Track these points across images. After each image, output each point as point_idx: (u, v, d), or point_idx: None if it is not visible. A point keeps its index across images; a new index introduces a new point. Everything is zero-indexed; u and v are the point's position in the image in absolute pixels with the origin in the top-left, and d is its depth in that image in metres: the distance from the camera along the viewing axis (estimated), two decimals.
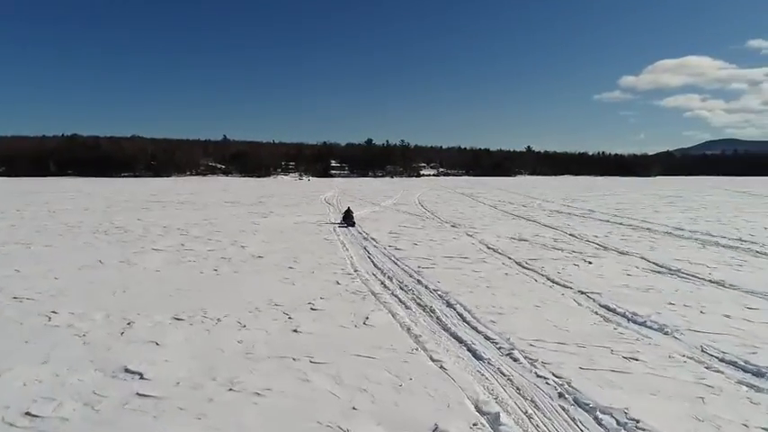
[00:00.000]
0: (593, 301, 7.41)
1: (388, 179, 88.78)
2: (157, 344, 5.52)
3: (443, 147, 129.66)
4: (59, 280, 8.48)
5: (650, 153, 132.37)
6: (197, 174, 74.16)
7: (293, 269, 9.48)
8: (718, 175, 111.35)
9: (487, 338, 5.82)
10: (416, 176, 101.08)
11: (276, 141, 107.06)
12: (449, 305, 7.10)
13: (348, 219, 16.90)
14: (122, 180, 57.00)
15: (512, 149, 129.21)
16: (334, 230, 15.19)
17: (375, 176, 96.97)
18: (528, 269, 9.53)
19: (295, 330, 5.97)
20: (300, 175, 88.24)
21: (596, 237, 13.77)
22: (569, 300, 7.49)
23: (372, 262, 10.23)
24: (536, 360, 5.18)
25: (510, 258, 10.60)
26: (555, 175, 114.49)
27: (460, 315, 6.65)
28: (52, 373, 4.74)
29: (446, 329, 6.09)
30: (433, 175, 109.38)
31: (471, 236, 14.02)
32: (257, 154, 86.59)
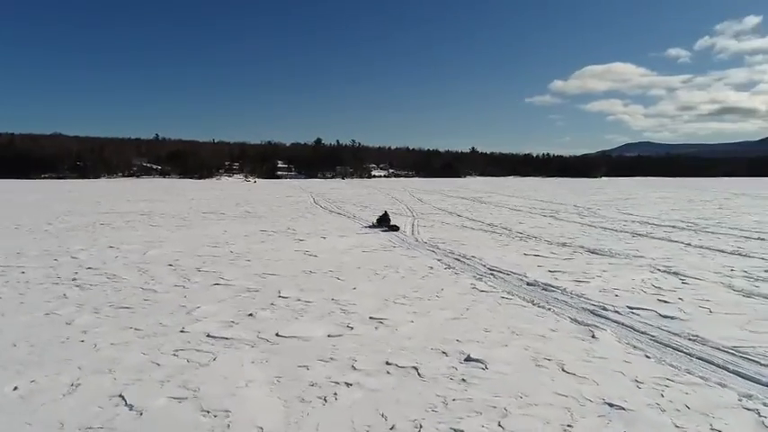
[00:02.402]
0: None
1: (340, 180, 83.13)
2: None
3: (392, 147, 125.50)
4: None
5: (576, 155, 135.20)
6: (130, 175, 65.16)
7: None
8: (646, 175, 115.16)
9: None
10: (368, 178, 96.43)
11: (216, 140, 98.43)
12: None
13: (385, 222, 15.40)
14: (45, 182, 47.74)
15: (458, 150, 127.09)
16: (451, 266, 9.68)
17: (324, 178, 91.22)
18: None
19: None
20: (246, 177, 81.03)
21: None
22: None
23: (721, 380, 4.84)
24: None
25: None
26: (503, 176, 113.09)
27: None
28: None
29: None
30: (384, 176, 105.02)
31: (687, 280, 8.92)
32: (197, 154, 78.15)
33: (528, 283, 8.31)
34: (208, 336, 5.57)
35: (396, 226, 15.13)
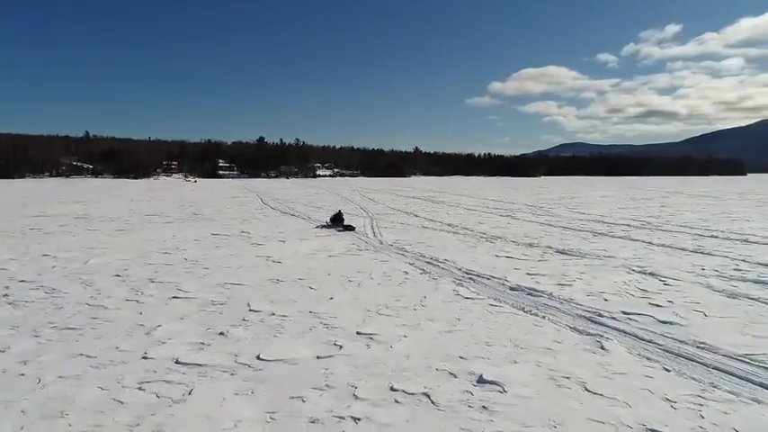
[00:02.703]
0: None
1: (284, 180, 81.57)
2: None
3: (337, 146, 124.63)
4: None
5: (515, 155, 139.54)
6: (58, 174, 61.14)
7: None
8: (580, 174, 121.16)
9: None
10: (313, 177, 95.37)
11: (153, 139, 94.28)
12: None
13: (339, 221, 15.35)
14: None
15: (402, 150, 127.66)
16: (426, 271, 9.19)
17: (268, 177, 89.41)
18: None
19: None
20: (186, 176, 78.05)
21: None
22: None
23: None
24: None
25: None
26: (447, 175, 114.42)
27: None
28: None
29: None
30: (329, 175, 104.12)
31: (668, 281, 8.83)
32: (132, 152, 74.40)
33: (511, 288, 7.93)
34: (176, 362, 4.79)
35: (351, 226, 14.95)
